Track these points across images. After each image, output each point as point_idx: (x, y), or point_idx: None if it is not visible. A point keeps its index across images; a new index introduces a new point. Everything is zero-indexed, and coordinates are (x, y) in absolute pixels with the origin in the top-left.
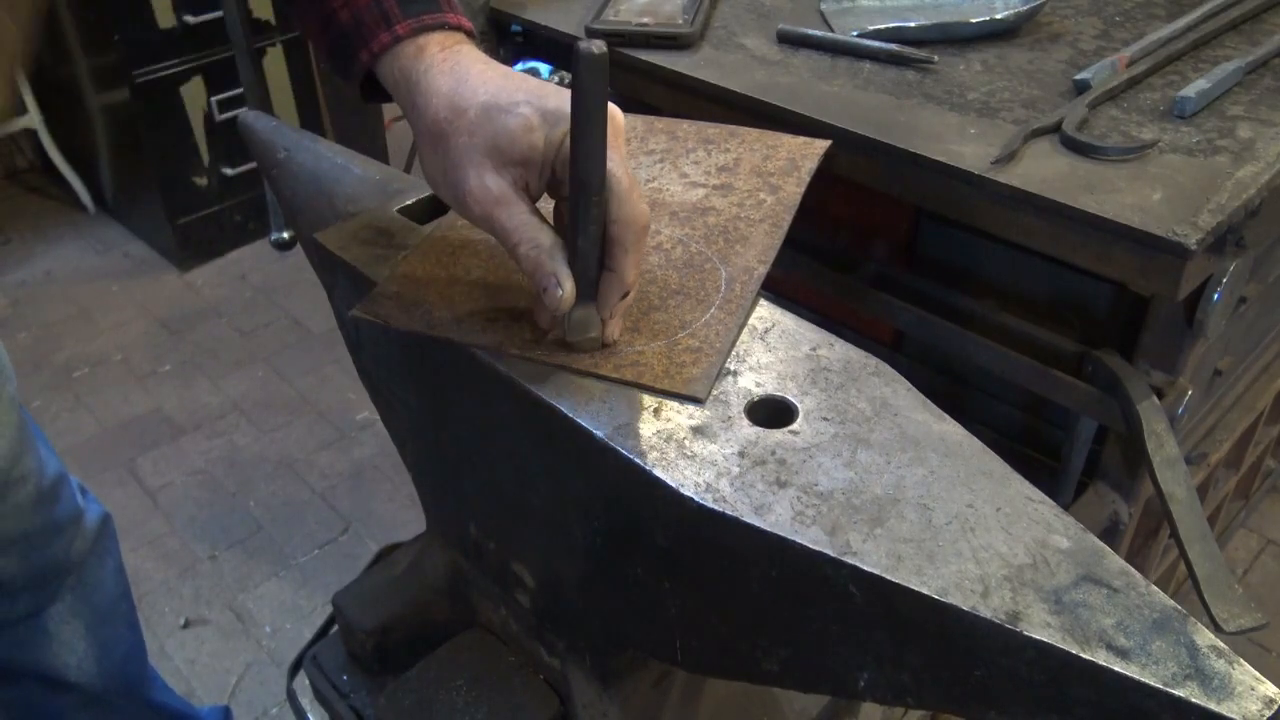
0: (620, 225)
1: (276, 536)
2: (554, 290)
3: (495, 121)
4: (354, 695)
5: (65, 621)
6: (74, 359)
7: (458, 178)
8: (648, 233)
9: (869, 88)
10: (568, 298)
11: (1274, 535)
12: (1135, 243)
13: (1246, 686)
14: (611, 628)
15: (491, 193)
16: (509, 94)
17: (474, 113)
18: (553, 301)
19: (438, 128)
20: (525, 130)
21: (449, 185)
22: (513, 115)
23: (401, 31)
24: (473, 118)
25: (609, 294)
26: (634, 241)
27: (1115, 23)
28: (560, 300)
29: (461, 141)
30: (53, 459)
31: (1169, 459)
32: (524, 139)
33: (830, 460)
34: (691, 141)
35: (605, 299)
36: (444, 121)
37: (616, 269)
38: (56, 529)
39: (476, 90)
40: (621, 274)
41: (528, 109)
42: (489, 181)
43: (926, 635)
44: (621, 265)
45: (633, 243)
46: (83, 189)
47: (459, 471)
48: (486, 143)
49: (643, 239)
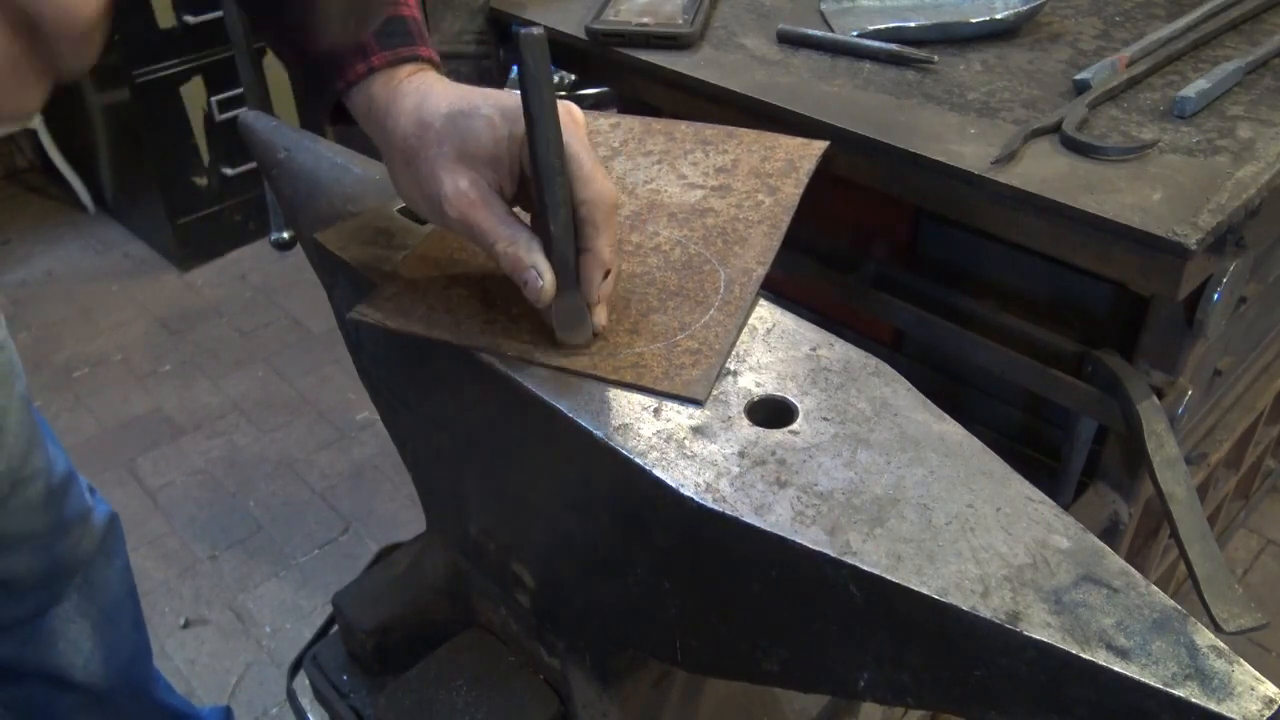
0: (589, 205)
1: (276, 536)
2: (534, 282)
3: (460, 127)
4: (354, 695)
5: (72, 621)
6: (74, 359)
7: (432, 188)
8: (616, 209)
9: (869, 88)
10: (548, 287)
11: (1274, 535)
12: (1135, 243)
13: (1246, 686)
14: (611, 628)
15: (466, 196)
16: (470, 101)
17: (439, 124)
18: (534, 293)
19: (407, 145)
20: (489, 129)
21: (425, 199)
22: (475, 118)
23: (377, 63)
24: (439, 128)
25: (590, 275)
26: (604, 219)
27: (1115, 23)
28: (541, 291)
29: (431, 153)
30: (62, 457)
31: (1169, 459)
32: (488, 137)
33: (830, 460)
34: (689, 143)
35: (588, 281)
36: (412, 138)
37: (592, 248)
38: (65, 528)
39: (439, 104)
40: (598, 253)
41: (489, 109)
42: (462, 185)
43: (926, 635)
44: (596, 244)
45: (603, 220)
46: (83, 189)
47: (459, 471)
48: (455, 149)
49: (612, 216)
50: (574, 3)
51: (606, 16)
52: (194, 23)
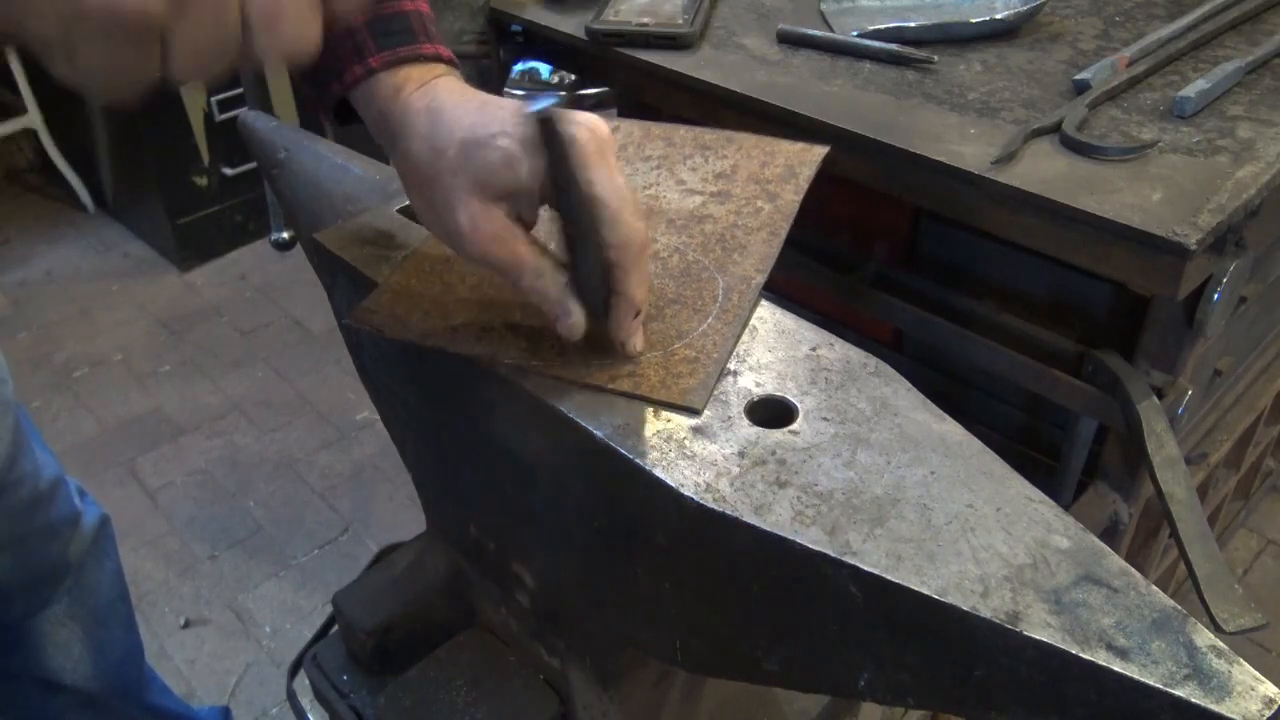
0: (617, 250)
1: (276, 536)
2: (565, 320)
3: (475, 159)
4: (354, 695)
5: (62, 624)
6: (74, 359)
7: (449, 219)
8: (648, 249)
9: (869, 88)
10: (578, 323)
11: (1274, 535)
12: (1135, 243)
13: (1246, 686)
14: (611, 628)
15: (483, 230)
16: (485, 127)
17: (453, 152)
18: (565, 330)
19: (420, 173)
20: (506, 164)
21: (441, 225)
22: (492, 150)
23: (375, 64)
24: (453, 157)
25: (621, 318)
26: (634, 262)
27: (1115, 23)
28: (572, 327)
29: (446, 182)
30: (50, 461)
31: (1169, 459)
32: (507, 174)
33: (830, 460)
34: (689, 148)
35: (618, 323)
36: (425, 165)
37: (623, 291)
38: (53, 532)
39: (453, 129)
40: (629, 296)
41: (506, 141)
42: (479, 219)
43: (926, 635)
44: (626, 287)
45: (633, 263)
46: (83, 189)
47: (459, 471)
48: (471, 180)
49: (642, 257)
50: (574, 2)
51: (606, 16)
52: None
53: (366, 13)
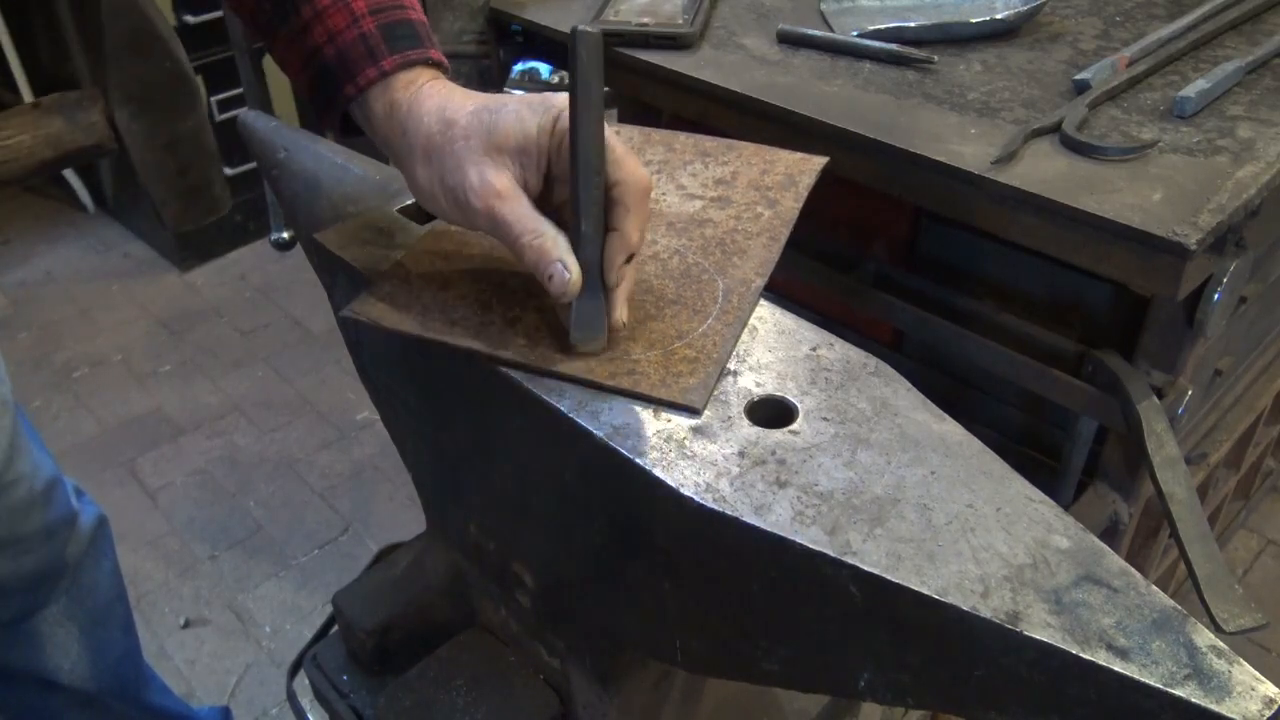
0: (621, 186)
1: (276, 536)
2: (561, 275)
3: (487, 121)
4: (354, 695)
5: (59, 624)
6: (74, 359)
7: (457, 179)
8: (649, 196)
9: (869, 88)
10: (575, 280)
11: (1274, 535)
12: (1135, 243)
13: (1246, 686)
14: (611, 628)
15: (493, 186)
16: (497, 100)
17: (465, 119)
18: (559, 287)
19: (430, 142)
20: (517, 122)
21: (448, 191)
22: (503, 112)
23: (388, 67)
24: (465, 124)
25: (614, 255)
26: (635, 202)
27: (1115, 23)
28: (568, 284)
29: (458, 146)
30: (47, 462)
31: (1169, 459)
32: (517, 130)
33: (830, 460)
34: (688, 154)
35: (610, 261)
36: (436, 134)
37: (620, 229)
38: (50, 532)
39: (465, 102)
40: (625, 234)
41: (516, 104)
42: (489, 176)
43: (926, 635)
44: (624, 224)
45: (634, 203)
46: (83, 189)
47: (459, 471)
48: (482, 142)
49: (644, 200)
50: (574, 3)
51: (606, 16)
52: (194, 23)
53: (377, 21)
